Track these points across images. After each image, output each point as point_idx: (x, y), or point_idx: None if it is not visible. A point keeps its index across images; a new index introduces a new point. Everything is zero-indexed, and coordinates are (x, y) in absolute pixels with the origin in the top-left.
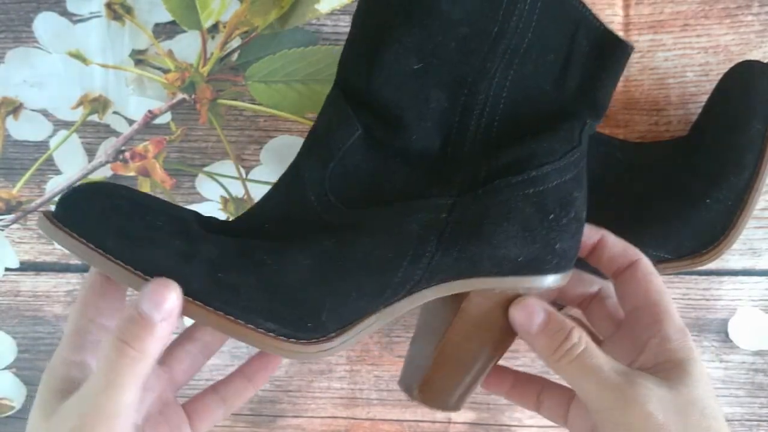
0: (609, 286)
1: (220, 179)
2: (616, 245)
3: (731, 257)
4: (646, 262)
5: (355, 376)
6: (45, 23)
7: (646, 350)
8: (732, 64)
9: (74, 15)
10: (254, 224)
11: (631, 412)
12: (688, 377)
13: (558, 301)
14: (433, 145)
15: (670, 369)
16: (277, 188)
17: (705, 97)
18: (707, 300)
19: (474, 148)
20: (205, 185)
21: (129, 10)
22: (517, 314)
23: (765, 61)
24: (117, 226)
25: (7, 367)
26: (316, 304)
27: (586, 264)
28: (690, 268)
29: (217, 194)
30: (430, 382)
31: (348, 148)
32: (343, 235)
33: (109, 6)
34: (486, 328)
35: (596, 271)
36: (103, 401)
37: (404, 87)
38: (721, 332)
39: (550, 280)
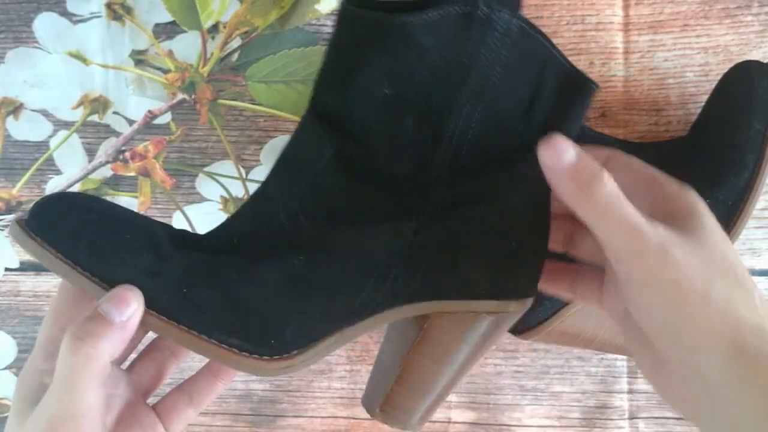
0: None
1: (220, 179)
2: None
3: None
4: (619, 154)
5: (355, 376)
6: (45, 23)
7: (653, 211)
8: (732, 65)
9: (74, 15)
10: (224, 240)
11: (660, 262)
12: (703, 228)
13: None
14: (402, 170)
15: (682, 219)
16: (248, 205)
17: (705, 97)
18: None
19: (442, 175)
20: (205, 185)
21: (129, 11)
22: (543, 152)
23: (765, 61)
24: (87, 239)
25: (7, 367)
26: (280, 322)
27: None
28: None
29: (217, 194)
30: (392, 401)
31: (320, 169)
32: (310, 255)
33: (109, 6)
34: (449, 350)
35: None
36: (65, 403)
37: (376, 111)
38: None
39: (513, 306)
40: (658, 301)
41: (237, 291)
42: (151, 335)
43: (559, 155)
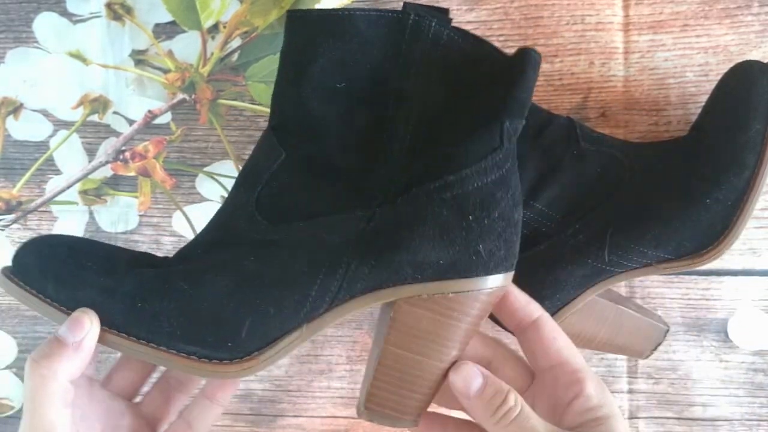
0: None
1: (220, 179)
2: (519, 299)
3: (731, 257)
4: (547, 319)
5: (355, 375)
6: (45, 23)
7: (570, 411)
8: (732, 64)
9: (74, 15)
10: (189, 254)
11: None
12: None
13: (496, 322)
14: (357, 162)
15: (595, 427)
16: (212, 219)
17: (705, 97)
18: (707, 300)
19: (395, 162)
20: (205, 185)
21: (129, 11)
22: (454, 378)
23: (765, 61)
24: (54, 272)
25: (7, 367)
26: (235, 324)
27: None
28: (690, 268)
29: (217, 194)
30: (374, 396)
31: (274, 172)
32: (261, 251)
33: (109, 6)
34: (423, 336)
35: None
36: (29, 424)
37: (329, 103)
38: (721, 332)
39: (479, 283)
40: None
41: (188, 298)
42: (161, 369)
43: (468, 380)
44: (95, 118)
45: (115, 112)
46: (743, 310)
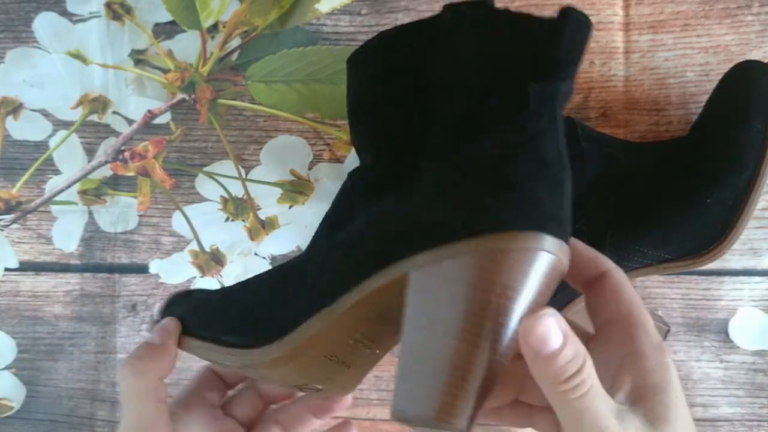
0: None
1: (220, 179)
2: (584, 253)
3: (731, 257)
4: (616, 272)
5: None
6: (45, 23)
7: (623, 371)
8: (732, 64)
9: (74, 15)
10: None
11: None
12: (668, 413)
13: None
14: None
15: (649, 398)
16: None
17: (705, 97)
18: (707, 300)
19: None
20: (204, 185)
21: (129, 10)
22: (529, 331)
23: (765, 61)
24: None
25: (7, 367)
26: (258, 313)
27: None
28: (690, 268)
29: (216, 194)
30: (399, 389)
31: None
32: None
33: (108, 6)
34: (440, 313)
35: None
36: (128, 418)
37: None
38: (722, 332)
39: (499, 240)
40: None
41: (232, 295)
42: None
43: (547, 338)
44: (95, 117)
45: (114, 112)
46: (744, 310)
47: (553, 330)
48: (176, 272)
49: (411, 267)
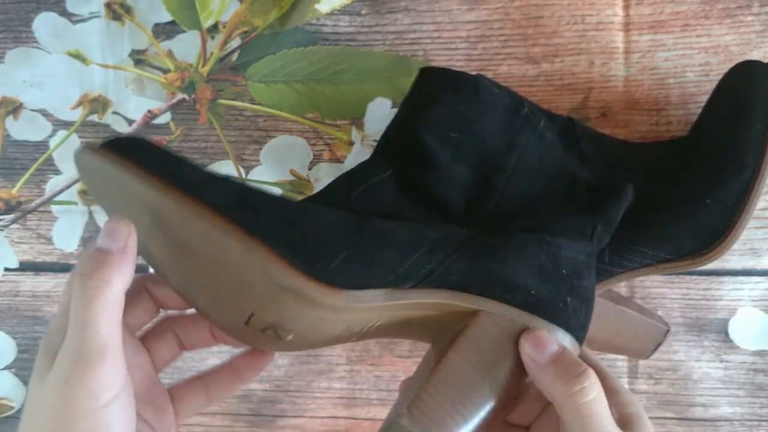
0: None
1: None
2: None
3: (731, 257)
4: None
5: (355, 376)
6: (45, 23)
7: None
8: (732, 64)
9: (74, 15)
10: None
11: None
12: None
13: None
14: (454, 205)
15: (632, 423)
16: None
17: (705, 97)
18: (707, 300)
19: (491, 215)
20: None
21: (129, 10)
22: (527, 343)
23: (765, 61)
24: (156, 152)
25: (7, 367)
26: (331, 249)
27: None
28: (690, 268)
29: None
30: (420, 401)
31: (377, 182)
32: (366, 219)
33: (108, 6)
34: (488, 357)
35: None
36: (81, 340)
37: (443, 144)
38: (722, 332)
39: (560, 336)
40: None
41: (294, 212)
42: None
43: (543, 346)
44: (95, 118)
45: (114, 112)
46: (744, 310)
47: (548, 340)
48: None
49: (490, 309)
